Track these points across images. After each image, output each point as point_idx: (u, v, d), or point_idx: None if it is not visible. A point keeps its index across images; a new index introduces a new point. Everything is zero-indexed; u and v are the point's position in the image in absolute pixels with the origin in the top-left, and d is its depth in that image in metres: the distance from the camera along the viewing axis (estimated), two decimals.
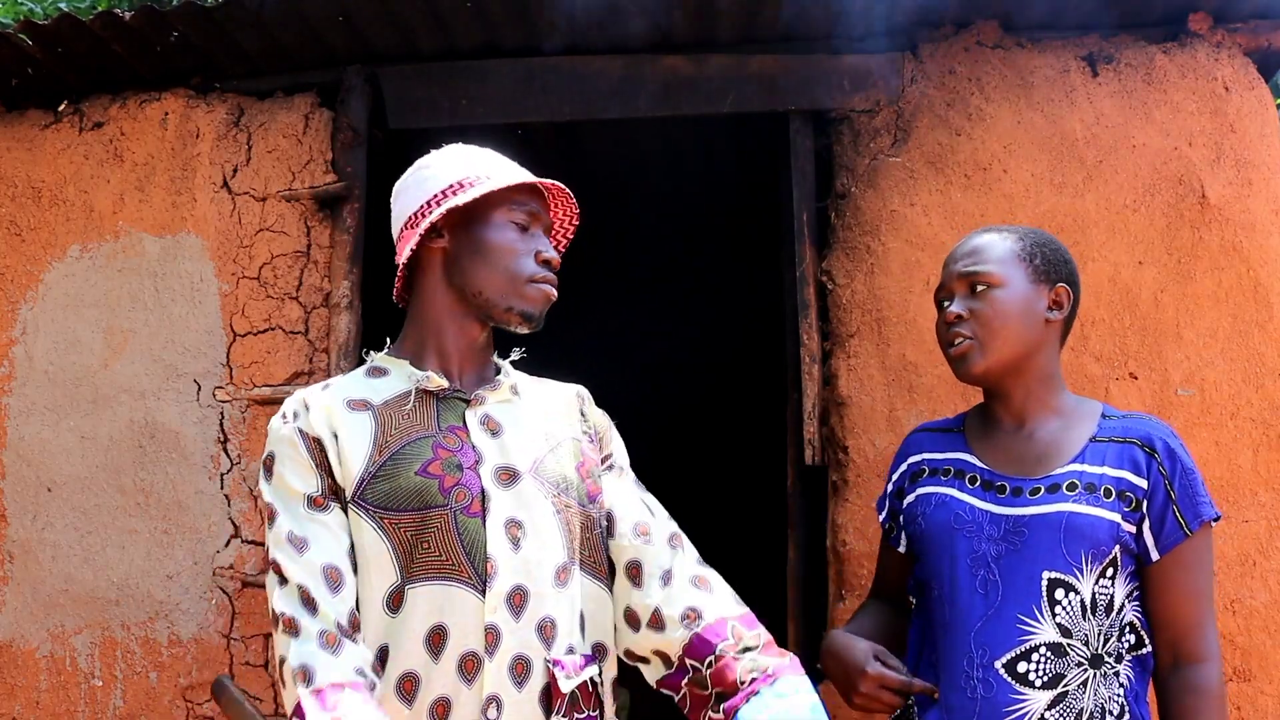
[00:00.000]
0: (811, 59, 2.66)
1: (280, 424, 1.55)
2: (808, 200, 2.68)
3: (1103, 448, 1.69)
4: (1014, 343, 1.71)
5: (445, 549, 1.47)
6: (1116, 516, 1.63)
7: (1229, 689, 2.36)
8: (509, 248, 1.59)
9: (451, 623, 1.46)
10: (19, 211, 2.78)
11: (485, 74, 2.73)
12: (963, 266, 1.74)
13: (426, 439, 1.54)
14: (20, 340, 2.73)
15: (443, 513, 1.48)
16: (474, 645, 1.46)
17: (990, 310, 1.70)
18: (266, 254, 2.68)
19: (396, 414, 1.55)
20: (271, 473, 1.53)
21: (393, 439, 1.53)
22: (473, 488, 1.51)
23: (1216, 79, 2.55)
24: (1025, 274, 1.72)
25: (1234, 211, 2.50)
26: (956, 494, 1.75)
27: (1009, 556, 1.65)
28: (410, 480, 1.49)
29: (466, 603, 1.46)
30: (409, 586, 1.46)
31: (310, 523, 1.48)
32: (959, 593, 1.68)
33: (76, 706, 2.58)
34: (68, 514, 2.65)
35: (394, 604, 1.47)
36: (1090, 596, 1.63)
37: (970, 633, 1.65)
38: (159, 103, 2.76)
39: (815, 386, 2.59)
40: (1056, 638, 1.62)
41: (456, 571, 1.47)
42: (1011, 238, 1.75)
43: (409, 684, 1.45)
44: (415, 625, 1.45)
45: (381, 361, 1.64)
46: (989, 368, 1.71)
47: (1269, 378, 2.45)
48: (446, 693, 1.45)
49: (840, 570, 2.52)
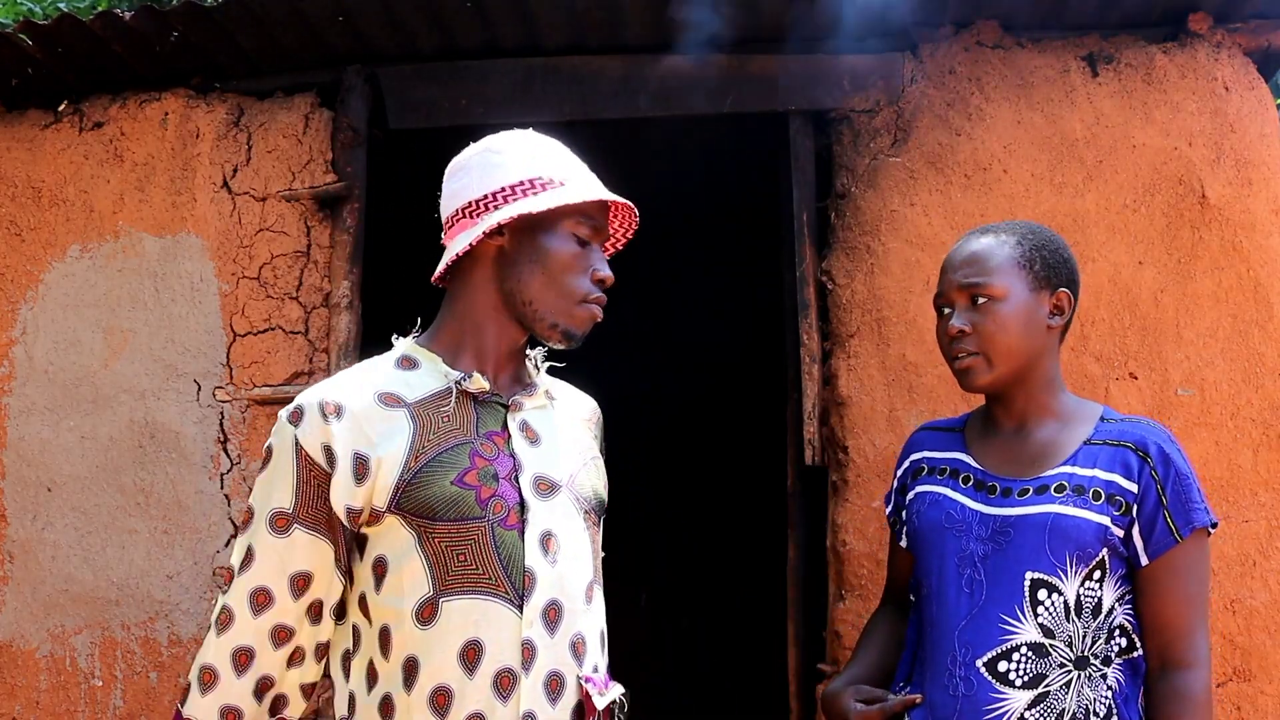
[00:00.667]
0: (811, 59, 2.66)
1: (286, 423, 1.46)
2: (808, 200, 2.68)
3: (1096, 451, 1.69)
4: (1018, 355, 1.70)
5: (482, 562, 1.43)
6: (1105, 519, 1.63)
7: (1229, 689, 2.36)
8: (570, 262, 1.50)
9: (487, 638, 1.42)
10: (19, 211, 2.78)
11: (485, 74, 2.73)
12: (962, 277, 1.71)
13: (464, 446, 1.47)
14: (20, 340, 2.73)
15: (480, 525, 1.44)
16: (510, 662, 1.42)
17: (993, 325, 1.68)
18: (266, 254, 2.68)
19: (435, 416, 1.48)
20: (265, 467, 1.48)
21: (430, 444, 1.45)
22: (509, 499, 1.47)
23: (1216, 79, 2.55)
24: (1026, 282, 1.70)
25: (1234, 211, 2.50)
26: (950, 493, 1.76)
27: (995, 556, 1.66)
28: (446, 490, 1.43)
29: (503, 618, 1.43)
30: (443, 599, 1.42)
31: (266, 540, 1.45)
32: (946, 591, 1.69)
33: (76, 706, 2.58)
34: (68, 514, 2.65)
35: (425, 616, 1.42)
36: (1075, 598, 1.63)
37: (954, 631, 1.66)
38: (159, 103, 2.76)
39: (815, 386, 2.59)
40: (1038, 638, 1.62)
41: (493, 586, 1.43)
42: (1009, 242, 1.72)
43: (441, 698, 1.41)
44: (449, 639, 1.41)
45: (412, 351, 1.54)
46: (994, 381, 1.71)
47: (1269, 378, 2.45)
48: (481, 709, 1.41)
49: (840, 570, 2.52)
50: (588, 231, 1.52)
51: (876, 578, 2.47)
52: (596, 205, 1.54)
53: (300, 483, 1.44)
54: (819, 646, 2.60)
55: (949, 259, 1.77)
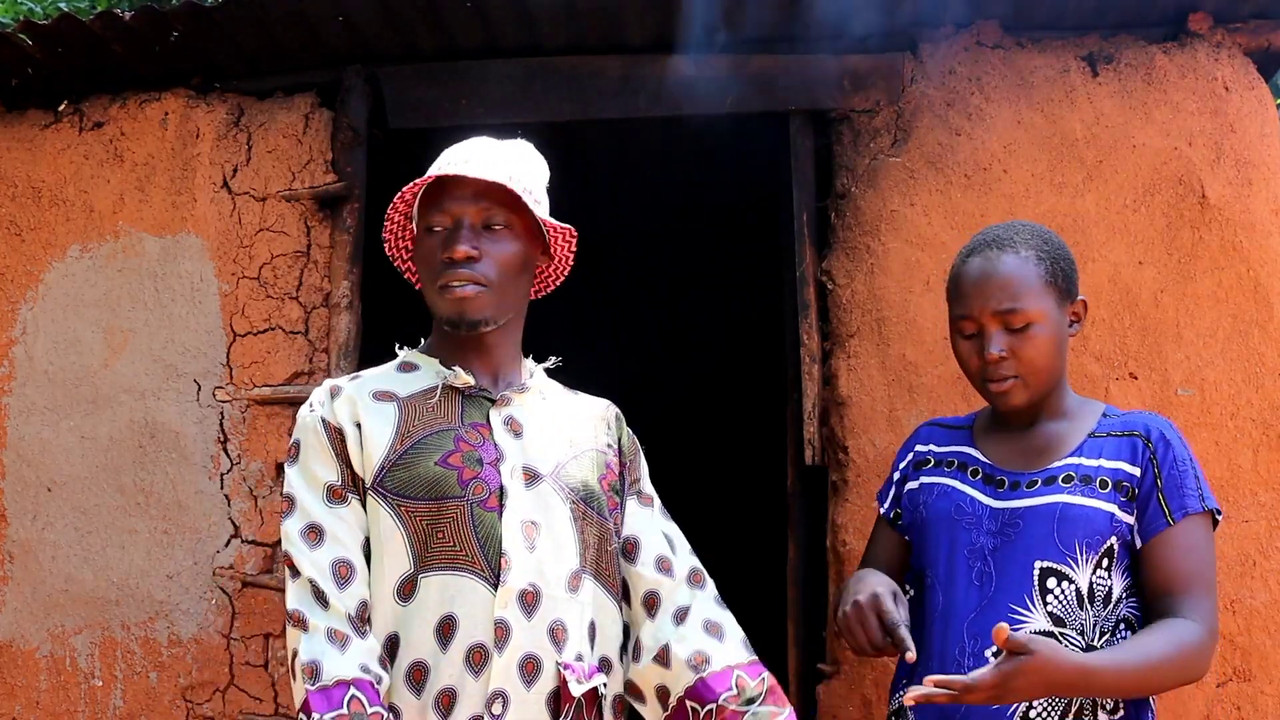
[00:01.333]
0: (811, 59, 2.66)
1: (306, 412, 1.57)
2: (808, 200, 2.68)
3: (1100, 442, 1.71)
4: (1054, 373, 1.74)
5: (459, 539, 1.48)
6: (1113, 507, 1.64)
7: (1229, 689, 2.36)
8: (426, 255, 1.58)
9: (461, 613, 1.46)
10: (19, 211, 2.78)
11: (485, 74, 2.73)
12: (996, 304, 1.70)
13: (449, 431, 1.54)
14: (20, 340, 2.73)
15: (459, 504, 1.49)
16: (482, 638, 1.45)
17: (1033, 350, 1.70)
18: (266, 254, 2.68)
19: (421, 407, 1.56)
20: (297, 460, 1.54)
21: (415, 429, 1.53)
22: (491, 483, 1.52)
23: (1216, 79, 2.55)
24: (1054, 299, 1.73)
25: (1234, 211, 2.50)
26: (959, 485, 1.78)
27: (1004, 548, 1.68)
28: (429, 469, 1.50)
29: (477, 594, 1.46)
30: (421, 575, 1.47)
31: (328, 515, 1.49)
32: (955, 584, 1.70)
33: (76, 706, 2.58)
34: (68, 514, 2.64)
35: (405, 592, 1.47)
36: (1088, 586, 1.64)
37: (964, 622, 1.68)
38: (159, 103, 2.76)
39: (815, 386, 2.59)
40: (1048, 626, 1.63)
41: (469, 563, 1.47)
42: (1031, 259, 1.72)
43: (418, 673, 1.45)
44: (426, 614, 1.46)
45: (413, 357, 1.66)
46: (1031, 400, 1.73)
47: (1269, 378, 2.45)
48: (453, 684, 1.44)
49: (840, 570, 2.51)
50: (436, 217, 1.56)
51: None
52: (442, 187, 1.55)
53: (336, 454, 1.52)
54: (819, 646, 2.60)
55: (971, 278, 1.75)
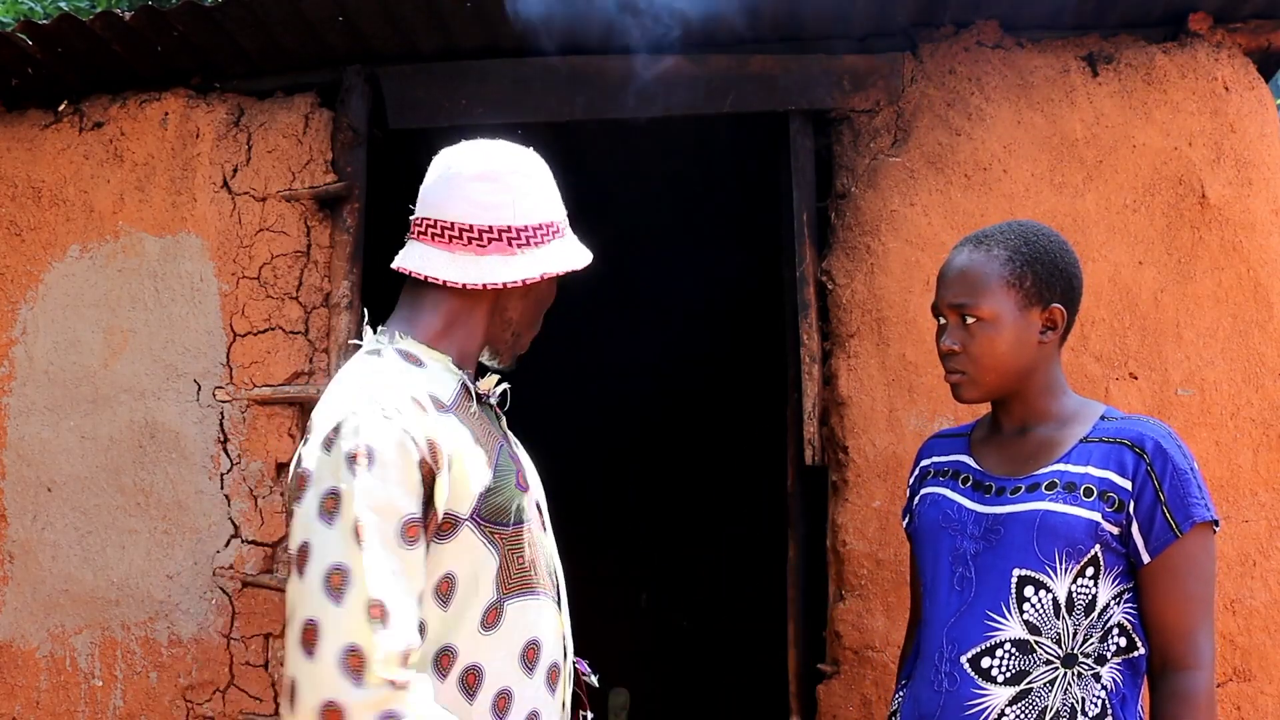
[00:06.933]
0: (811, 59, 2.66)
1: (383, 419, 1.30)
2: (808, 200, 2.68)
3: (1090, 448, 1.69)
4: (1005, 373, 1.72)
5: (531, 561, 1.46)
6: (1096, 515, 1.63)
7: (1229, 689, 2.36)
8: (545, 306, 1.61)
9: (544, 637, 1.45)
10: (19, 211, 2.78)
11: (485, 74, 2.73)
12: (952, 296, 1.72)
13: (504, 448, 1.48)
14: (20, 340, 2.73)
15: (529, 526, 1.47)
16: (556, 656, 1.48)
17: (979, 348, 1.70)
18: (266, 254, 2.68)
19: (472, 418, 1.44)
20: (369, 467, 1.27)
21: (489, 448, 1.43)
22: (536, 499, 1.54)
23: (1216, 79, 2.55)
24: (1014, 302, 1.69)
25: (1234, 211, 2.50)
26: (948, 493, 1.79)
27: (985, 554, 1.68)
28: (513, 493, 1.43)
29: (551, 615, 1.48)
30: (506, 602, 1.41)
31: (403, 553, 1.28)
32: (939, 589, 1.72)
33: (76, 706, 2.58)
34: (68, 514, 2.65)
35: (489, 621, 1.40)
36: (1066, 595, 1.63)
37: (944, 628, 1.69)
38: (159, 103, 2.76)
39: (815, 386, 2.60)
40: (1023, 634, 1.63)
41: (544, 585, 1.48)
42: (1000, 258, 1.70)
43: (503, 701, 1.40)
44: (512, 641, 1.41)
45: (414, 349, 1.47)
46: (982, 396, 1.75)
47: (1269, 378, 2.45)
48: (537, 706, 1.44)
49: (840, 570, 2.52)
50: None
51: (876, 578, 2.48)
52: None
53: (419, 483, 1.30)
54: (819, 647, 2.60)
55: (943, 269, 1.77)
